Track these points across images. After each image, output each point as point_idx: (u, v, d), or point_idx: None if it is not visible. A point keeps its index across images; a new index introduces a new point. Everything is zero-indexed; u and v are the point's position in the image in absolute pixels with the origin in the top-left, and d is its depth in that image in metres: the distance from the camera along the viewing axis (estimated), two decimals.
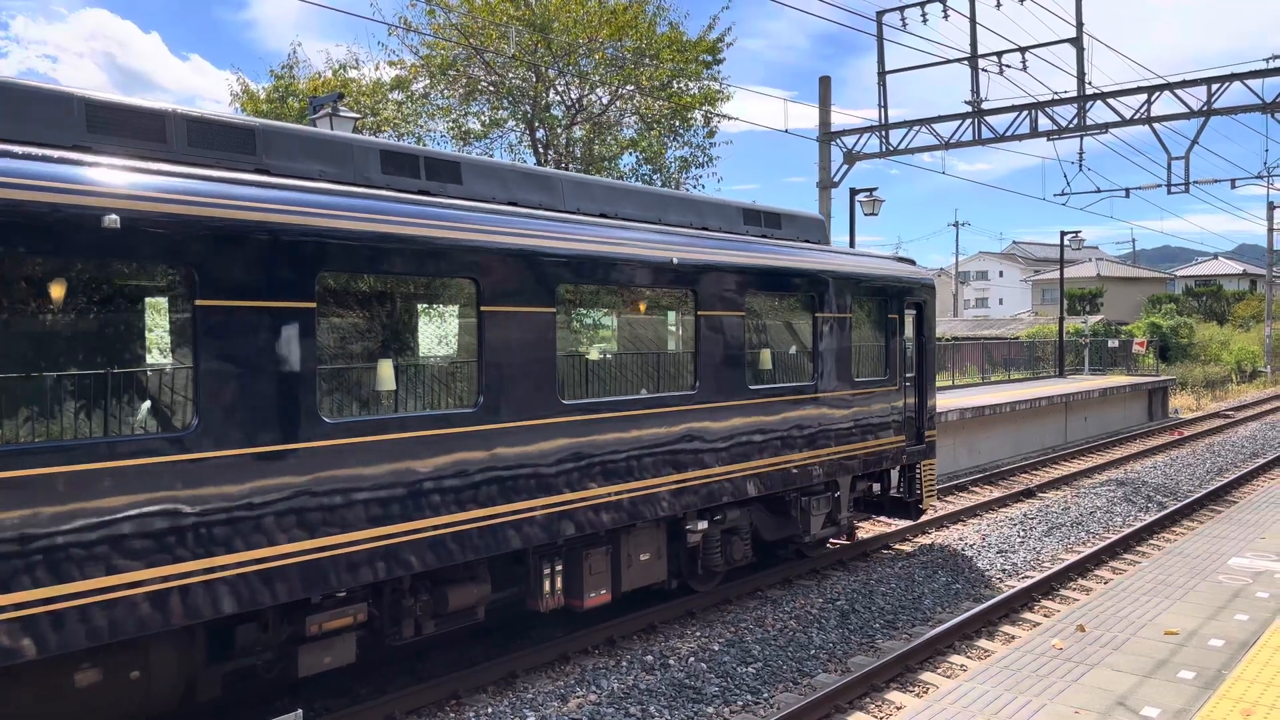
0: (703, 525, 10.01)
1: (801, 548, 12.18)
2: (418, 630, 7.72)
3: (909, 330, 13.21)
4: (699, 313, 9.64)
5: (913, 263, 13.93)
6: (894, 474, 13.08)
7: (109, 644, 5.73)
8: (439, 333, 8.76)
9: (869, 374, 12.21)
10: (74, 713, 5.94)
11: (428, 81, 25.87)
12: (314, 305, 6.62)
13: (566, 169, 24.25)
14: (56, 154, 5.67)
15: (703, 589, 10.74)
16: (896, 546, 13.66)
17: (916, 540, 14.08)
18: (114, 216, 5.62)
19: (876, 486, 13.02)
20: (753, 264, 10.39)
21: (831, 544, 13.12)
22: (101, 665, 6.00)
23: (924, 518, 13.92)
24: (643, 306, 9.83)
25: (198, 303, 6.03)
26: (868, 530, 14.33)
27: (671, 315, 10.14)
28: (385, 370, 7.34)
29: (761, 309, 10.77)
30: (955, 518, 15.31)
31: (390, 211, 7.13)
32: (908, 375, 13.10)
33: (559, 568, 8.65)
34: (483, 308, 7.63)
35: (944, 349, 31.77)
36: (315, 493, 6.54)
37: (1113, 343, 40.40)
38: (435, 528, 7.26)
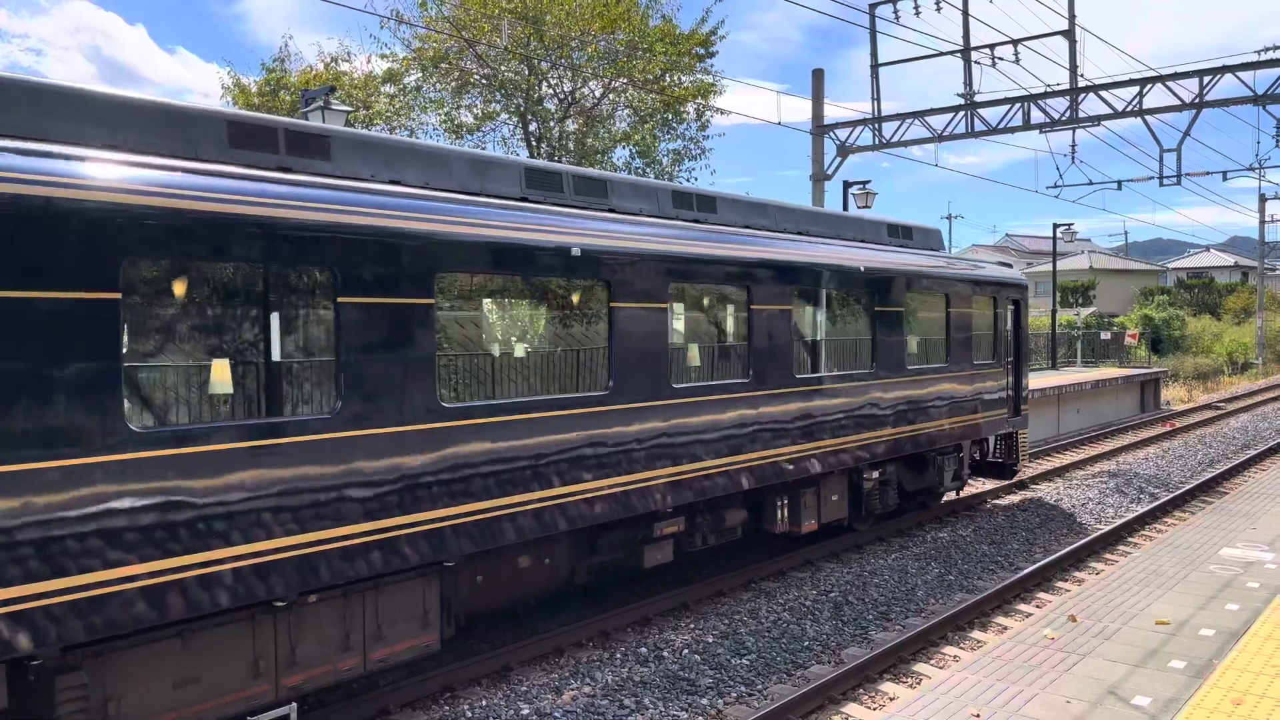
0: (875, 475, 12.69)
1: (927, 499, 14.76)
2: (704, 541, 10.42)
3: (1009, 322, 15.85)
4: (876, 308, 12.39)
5: (1010, 266, 17.35)
6: (990, 441, 15.93)
7: (536, 539, 8.25)
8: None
9: (983, 357, 14.93)
10: (515, 581, 8.69)
11: (420, 75, 25.81)
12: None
13: (559, 162, 24.21)
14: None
15: (860, 528, 13.27)
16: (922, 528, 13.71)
17: (913, 535, 14.12)
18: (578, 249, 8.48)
19: (977, 453, 15.83)
20: (907, 269, 13.10)
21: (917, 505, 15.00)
22: (531, 555, 8.68)
23: (1016, 478, 16.68)
24: (839, 304, 12.20)
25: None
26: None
27: (858, 310, 12.45)
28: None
29: (913, 304, 13.30)
30: (948, 508, 15.35)
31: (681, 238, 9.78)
32: (1008, 359, 15.77)
33: (786, 502, 11.31)
34: (753, 306, 10.41)
35: None
36: (674, 434, 9.36)
37: (1105, 335, 40.53)
38: (725, 465, 9.94)
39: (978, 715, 6.61)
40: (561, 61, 25.06)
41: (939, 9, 22.47)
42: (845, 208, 24.52)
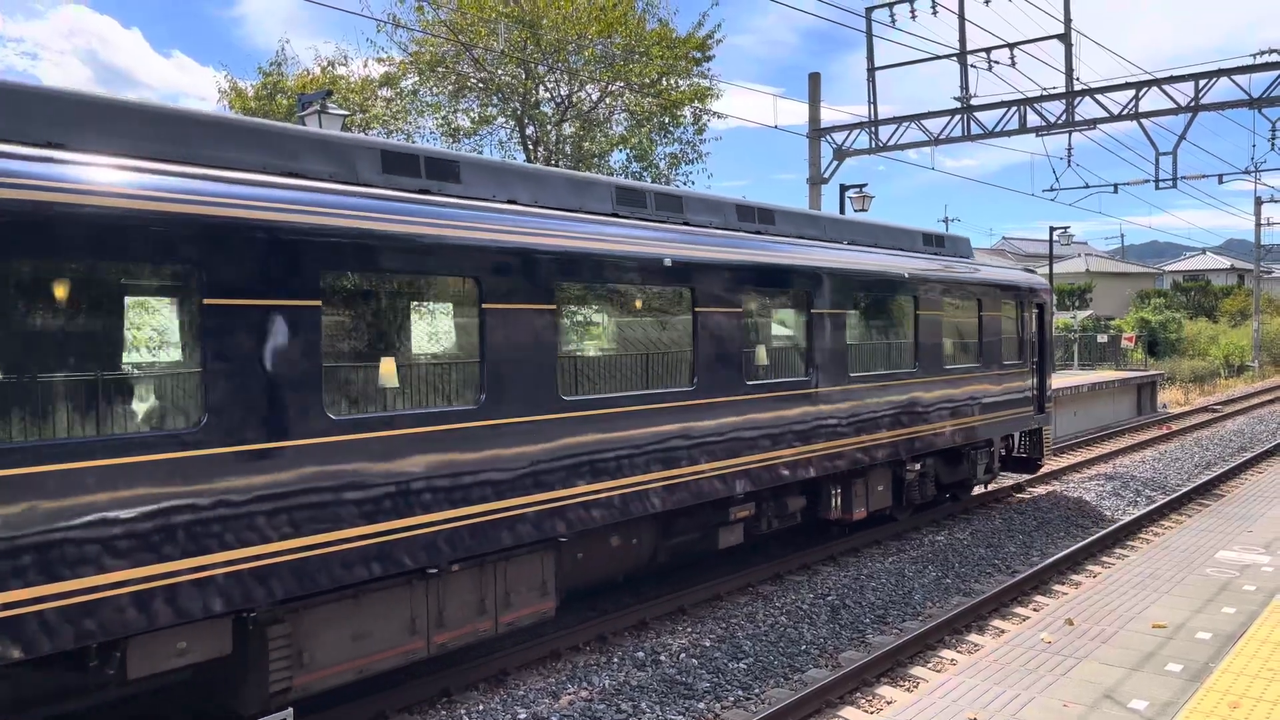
0: (916, 467, 13.66)
1: (959, 491, 15.66)
2: (769, 525, 11.29)
3: (1034, 324, 16.81)
4: (917, 312, 13.33)
5: (1034, 272, 18.50)
6: (1016, 436, 16.92)
7: (626, 521, 9.08)
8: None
9: (1011, 358, 15.88)
10: (608, 559, 9.63)
11: (417, 78, 25.81)
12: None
13: (556, 166, 24.23)
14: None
15: (900, 517, 14.17)
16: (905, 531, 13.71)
17: (910, 539, 14.13)
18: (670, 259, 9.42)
19: (1003, 448, 16.74)
20: (944, 276, 14.18)
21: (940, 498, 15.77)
22: (621, 536, 9.59)
23: (1040, 472, 17.87)
24: (886, 308, 13.13)
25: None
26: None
27: (902, 314, 13.35)
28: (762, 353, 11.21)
29: (949, 308, 14.17)
30: (945, 512, 15.36)
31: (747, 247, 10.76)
32: (1033, 360, 16.69)
33: (839, 491, 12.19)
34: (812, 310, 11.37)
35: None
36: (747, 428, 10.29)
37: (1101, 337, 40.53)
38: (790, 456, 10.91)
39: (975, 718, 6.61)
40: (558, 65, 25.08)
41: (935, 13, 22.50)
42: (842, 211, 24.54)
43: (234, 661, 6.43)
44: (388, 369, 7.26)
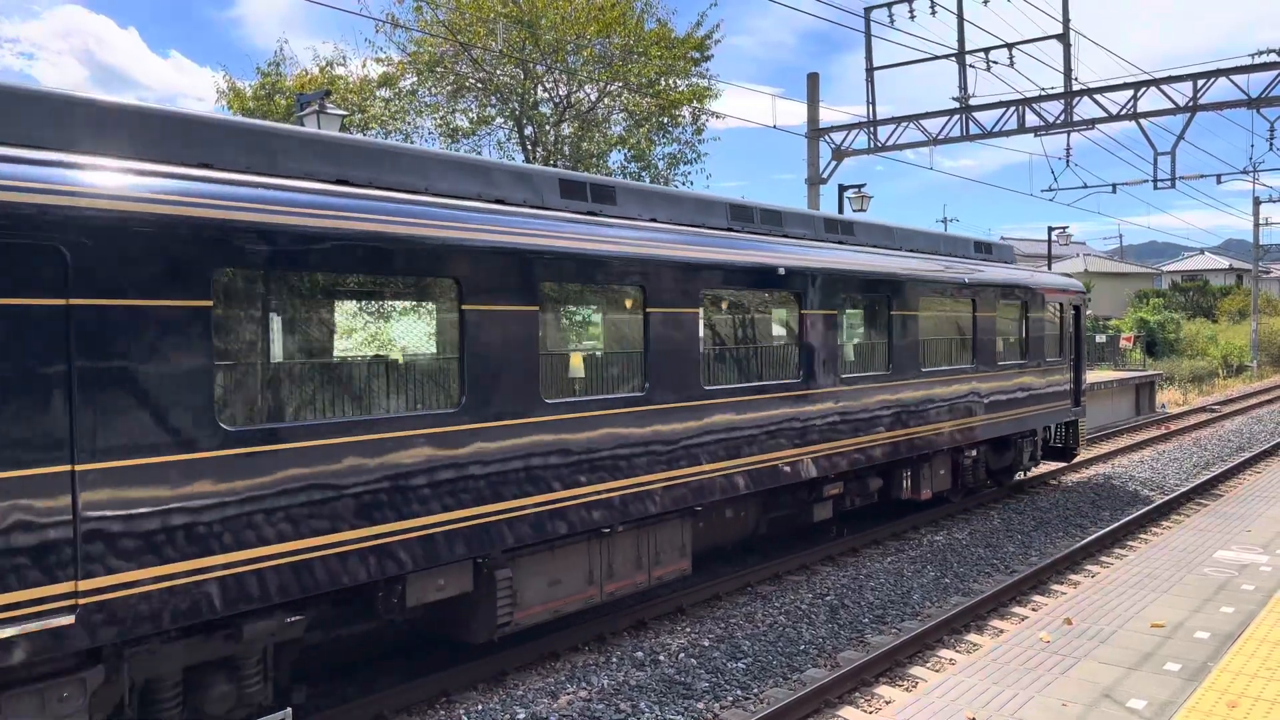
0: (972, 454, 15.07)
1: (1003, 477, 16.89)
2: (852, 503, 12.54)
3: (1070, 324, 18.29)
4: (975, 314, 14.72)
5: (1070, 277, 20.32)
6: (1053, 427, 18.30)
7: (738, 496, 10.36)
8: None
9: (1052, 355, 17.31)
10: (723, 529, 11.17)
11: (415, 79, 25.79)
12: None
13: (554, 166, 24.22)
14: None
15: (954, 499, 15.59)
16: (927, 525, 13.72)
17: (909, 538, 14.13)
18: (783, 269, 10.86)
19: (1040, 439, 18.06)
20: (997, 280, 15.65)
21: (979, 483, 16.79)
22: (733, 509, 11.07)
23: (1075, 460, 19.32)
24: (952, 309, 14.45)
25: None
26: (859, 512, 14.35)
27: (964, 314, 14.71)
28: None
29: (1001, 309, 15.59)
30: (945, 512, 15.36)
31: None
32: (1070, 357, 18.17)
33: (910, 474, 13.45)
34: (891, 312, 12.77)
35: None
36: (843, 415, 11.72)
37: (1100, 338, 40.53)
38: (874, 441, 12.27)
39: (973, 718, 6.62)
40: (556, 65, 25.07)
41: (934, 13, 22.52)
42: (840, 211, 24.55)
43: (473, 598, 7.86)
44: (576, 361, 8.93)
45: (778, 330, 11.52)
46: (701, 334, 9.73)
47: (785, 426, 10.74)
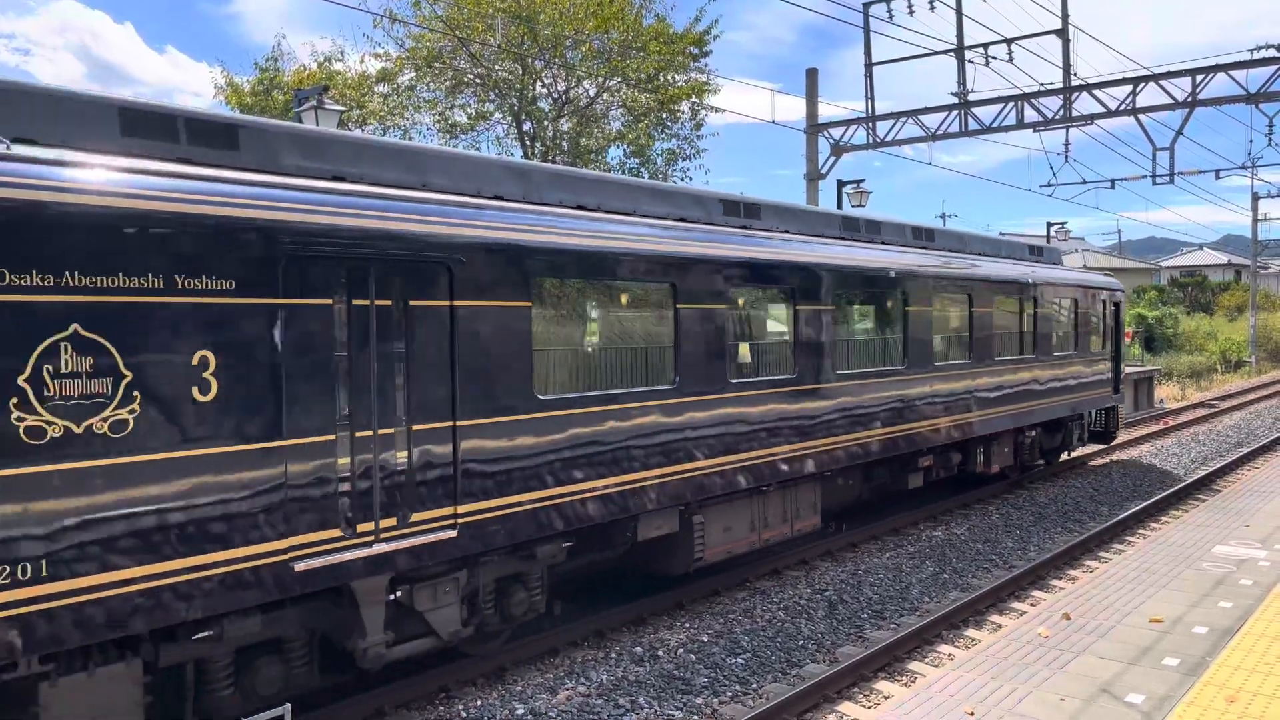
0: (1031, 434, 17.13)
1: (1051, 457, 18.90)
2: (938, 474, 14.47)
3: (1111, 319, 20.35)
4: (1037, 310, 16.75)
5: (1109, 274, 22.62)
6: (1092, 413, 20.06)
7: (849, 466, 12.18)
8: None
9: (1096, 347, 19.43)
10: (835, 494, 12.66)
11: (414, 74, 25.76)
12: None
13: (553, 162, 24.19)
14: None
15: (1012, 476, 17.35)
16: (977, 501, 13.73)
17: (907, 534, 14.14)
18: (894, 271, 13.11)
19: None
20: (1052, 280, 17.63)
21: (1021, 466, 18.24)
22: (843, 478, 12.73)
23: (1114, 442, 21.59)
24: (1018, 305, 16.36)
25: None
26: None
27: (1026, 310, 16.54)
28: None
29: (1055, 306, 17.69)
30: (943, 508, 15.38)
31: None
32: (1111, 348, 20.24)
33: (982, 450, 15.52)
34: (972, 309, 14.81)
35: None
36: (934, 398, 13.64)
37: None
38: (960, 420, 14.25)
39: (972, 713, 6.62)
40: (555, 61, 25.03)
41: (933, 8, 22.46)
42: (839, 206, 24.52)
43: (676, 537, 9.79)
44: (744, 350, 10.59)
45: (888, 323, 13.25)
46: (836, 328, 11.79)
47: (893, 406, 12.66)
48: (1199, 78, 20.65)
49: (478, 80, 25.43)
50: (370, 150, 7.82)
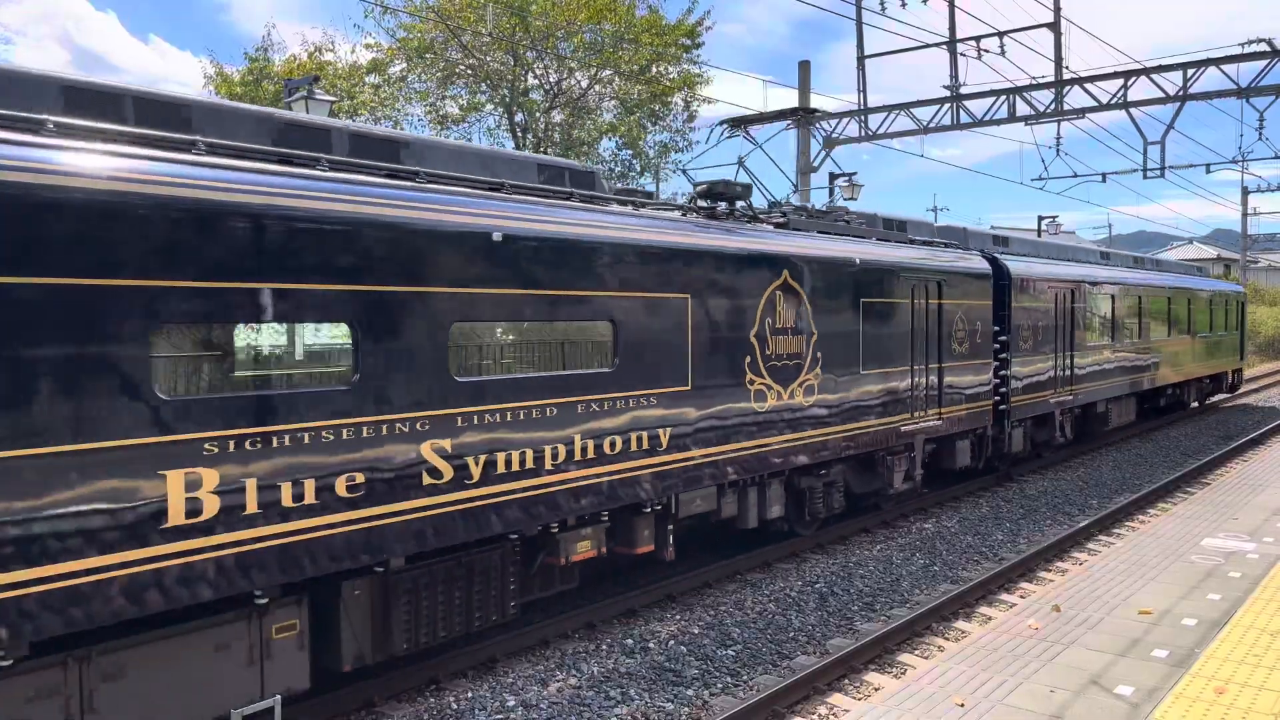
0: (1208, 381, 23.42)
1: (1201, 400, 28.01)
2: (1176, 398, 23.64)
3: (1237, 311, 29.14)
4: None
5: (1234, 281, 36.39)
6: (1230, 373, 28.05)
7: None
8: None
9: (1234, 329, 30.17)
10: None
11: (405, 65, 25.64)
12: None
13: (545, 153, 24.11)
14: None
15: (1199, 405, 26.59)
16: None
17: (898, 527, 14.16)
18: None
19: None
20: (1217, 289, 27.44)
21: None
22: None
23: (1239, 392, 31.43)
24: (1200, 305, 25.58)
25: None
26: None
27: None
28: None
29: (1211, 304, 25.98)
30: (935, 501, 15.41)
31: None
32: (1238, 329, 29.94)
33: (1190, 388, 23.56)
34: (1196, 311, 25.15)
35: None
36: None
37: None
38: (1186, 368, 23.92)
39: (962, 704, 6.64)
40: (547, 52, 24.95)
41: (925, 0, 22.45)
42: (831, 199, 24.49)
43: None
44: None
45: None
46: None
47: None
48: (1190, 72, 20.68)
49: (469, 71, 25.33)
50: None
